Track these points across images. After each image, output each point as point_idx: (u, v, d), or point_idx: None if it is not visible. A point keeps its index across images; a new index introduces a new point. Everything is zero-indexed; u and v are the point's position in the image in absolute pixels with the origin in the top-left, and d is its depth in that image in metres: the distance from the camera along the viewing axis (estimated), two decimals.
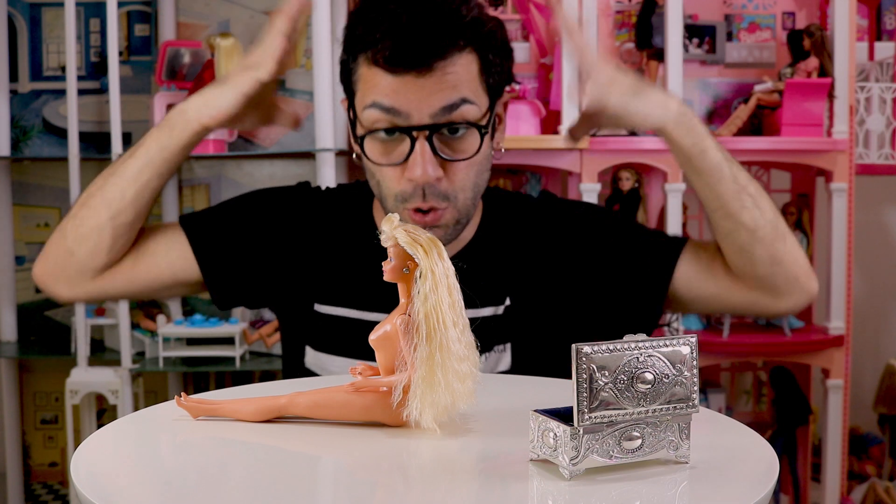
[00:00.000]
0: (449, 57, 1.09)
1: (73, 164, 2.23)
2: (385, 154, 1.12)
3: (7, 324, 2.44)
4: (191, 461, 0.72)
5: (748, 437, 0.77)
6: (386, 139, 1.12)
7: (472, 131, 1.12)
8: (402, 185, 1.12)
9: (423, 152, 1.09)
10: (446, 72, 1.08)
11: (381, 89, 1.09)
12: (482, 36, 1.13)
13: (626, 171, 2.29)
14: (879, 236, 2.80)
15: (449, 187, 1.12)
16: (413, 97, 1.08)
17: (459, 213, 1.15)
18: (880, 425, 2.58)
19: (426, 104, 1.08)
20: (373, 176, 1.16)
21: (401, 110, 1.09)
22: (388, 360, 0.78)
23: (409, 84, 1.08)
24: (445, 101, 1.09)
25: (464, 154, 1.12)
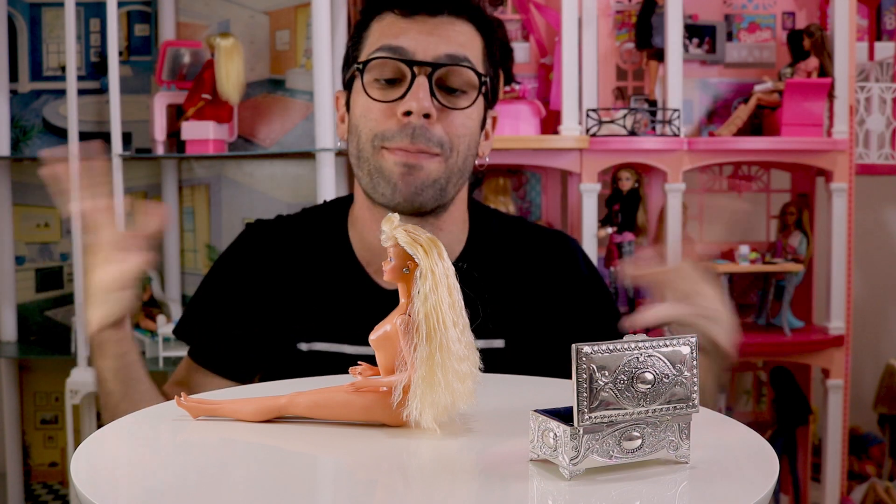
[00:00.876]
0: (458, 18, 1.15)
1: (73, 164, 2.22)
2: (381, 95, 1.14)
3: (7, 324, 2.44)
4: (191, 461, 0.72)
5: (748, 437, 0.77)
6: (385, 85, 1.13)
7: (468, 95, 1.14)
8: (389, 124, 1.12)
9: (422, 86, 1.11)
10: (455, 27, 1.14)
11: (392, 32, 1.13)
12: (488, 25, 1.19)
13: (626, 171, 2.29)
14: (879, 236, 2.80)
15: (443, 135, 1.13)
16: (420, 38, 1.12)
17: (446, 171, 1.14)
18: (880, 425, 2.58)
19: (432, 47, 1.12)
20: (356, 130, 1.16)
21: (407, 49, 1.12)
22: (388, 360, 0.78)
23: (419, 26, 1.13)
24: (451, 50, 1.12)
25: (460, 107, 1.14)
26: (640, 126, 2.26)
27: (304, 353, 1.20)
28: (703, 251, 2.43)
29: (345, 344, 1.18)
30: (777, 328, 2.36)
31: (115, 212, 1.09)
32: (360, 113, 1.15)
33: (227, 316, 1.24)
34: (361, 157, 1.15)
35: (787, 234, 2.38)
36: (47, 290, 2.48)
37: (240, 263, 1.26)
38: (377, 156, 1.13)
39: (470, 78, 1.14)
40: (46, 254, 2.48)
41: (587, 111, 2.24)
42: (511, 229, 1.28)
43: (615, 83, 2.40)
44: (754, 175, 2.51)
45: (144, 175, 2.46)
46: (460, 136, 1.14)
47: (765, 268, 2.32)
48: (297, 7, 2.36)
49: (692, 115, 2.41)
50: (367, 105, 1.14)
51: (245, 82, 2.24)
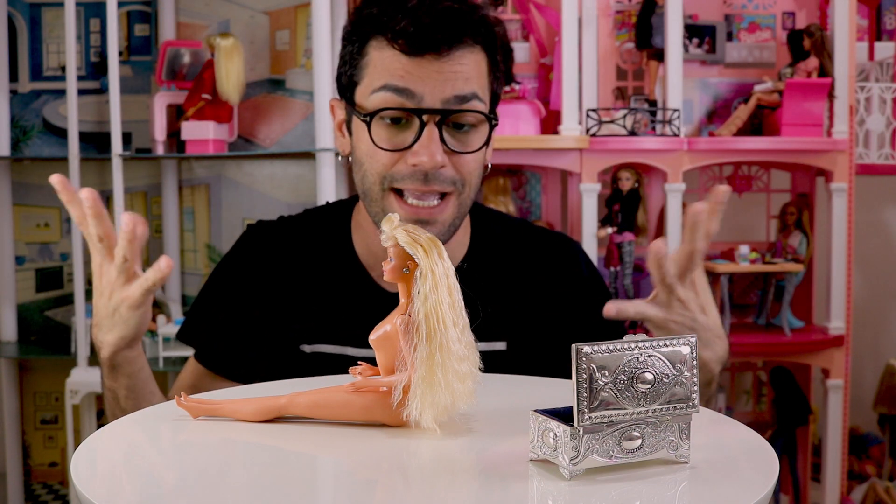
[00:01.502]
0: (464, 48, 1.09)
1: (73, 164, 2.22)
2: (388, 140, 1.10)
3: (7, 324, 2.44)
4: (191, 461, 0.72)
5: (748, 437, 0.77)
6: (391, 125, 1.09)
7: (478, 129, 1.11)
8: (397, 168, 1.09)
9: (432, 137, 1.07)
10: (461, 62, 1.09)
11: (395, 71, 1.08)
12: (492, 34, 1.14)
13: (626, 171, 2.29)
14: (879, 236, 2.80)
15: (455, 175, 1.10)
16: (428, 80, 1.07)
17: (460, 209, 1.13)
18: (880, 425, 2.58)
19: (440, 90, 1.07)
20: (361, 165, 1.13)
21: (415, 92, 1.07)
22: (388, 360, 0.78)
23: (425, 67, 1.07)
24: (459, 90, 1.08)
25: (470, 148, 1.11)
26: (640, 126, 2.26)
27: (308, 355, 1.20)
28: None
29: (348, 346, 1.18)
30: (777, 328, 2.36)
31: (118, 236, 1.05)
32: (366, 151, 1.12)
33: (233, 318, 1.24)
34: (368, 196, 1.13)
35: (787, 234, 2.38)
36: (47, 290, 2.48)
37: (243, 265, 1.26)
38: (386, 199, 1.11)
39: (479, 116, 1.11)
40: (46, 254, 2.48)
41: (587, 111, 2.24)
42: (513, 232, 1.27)
43: (615, 83, 2.40)
44: (754, 175, 2.51)
45: (144, 175, 2.46)
46: (471, 171, 1.12)
47: (765, 268, 2.32)
48: (297, 7, 2.36)
49: (692, 115, 2.41)
50: (372, 147, 1.11)
51: (245, 82, 2.24)
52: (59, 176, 1.07)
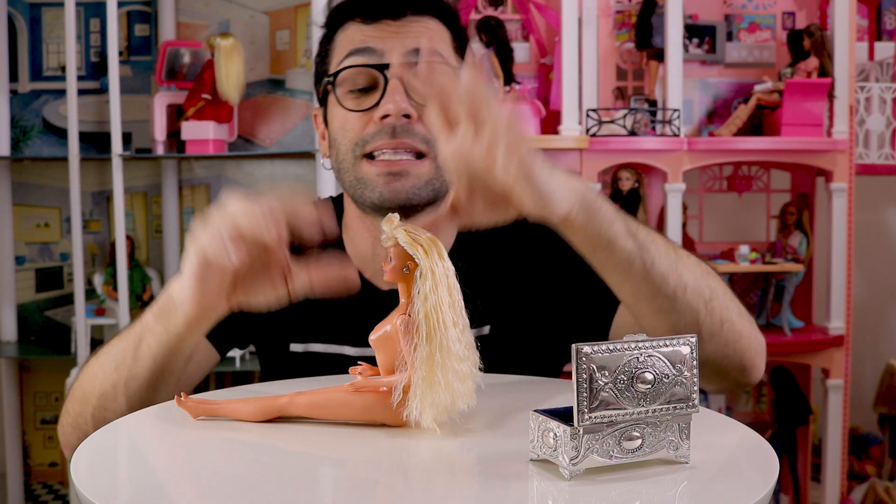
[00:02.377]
0: (423, 17, 1.12)
1: (73, 164, 2.23)
2: (356, 104, 1.10)
3: (7, 324, 2.44)
4: (191, 461, 0.72)
5: (748, 437, 0.77)
6: (358, 94, 1.10)
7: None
8: (367, 130, 1.08)
9: (396, 88, 1.07)
10: (420, 24, 1.11)
11: (357, 38, 1.11)
12: (451, 13, 1.16)
13: (626, 171, 2.29)
14: (879, 236, 2.80)
15: (428, 132, 1.06)
16: (388, 39, 1.10)
17: (437, 169, 1.09)
18: (880, 425, 2.58)
19: (400, 45, 1.09)
20: (336, 145, 1.12)
21: (375, 49, 1.09)
22: (388, 360, 0.78)
23: (385, 29, 1.10)
24: (420, 45, 1.10)
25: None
26: (640, 126, 2.26)
27: (300, 355, 1.19)
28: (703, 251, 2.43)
29: (339, 344, 1.18)
30: (777, 328, 2.36)
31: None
32: (339, 125, 1.12)
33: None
34: (342, 168, 1.12)
35: (787, 234, 2.38)
36: (47, 290, 2.48)
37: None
38: (357, 166, 1.10)
39: (443, 69, 1.09)
40: (46, 254, 2.48)
41: (587, 111, 2.24)
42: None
43: (615, 83, 2.40)
44: (754, 175, 2.51)
45: (144, 175, 2.46)
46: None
47: (765, 268, 2.32)
48: (297, 7, 2.36)
49: (692, 115, 2.41)
50: (343, 117, 1.11)
51: (245, 82, 2.24)
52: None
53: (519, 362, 1.10)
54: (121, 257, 2.23)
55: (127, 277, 2.25)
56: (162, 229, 2.46)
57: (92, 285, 2.39)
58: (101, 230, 2.47)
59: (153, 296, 2.37)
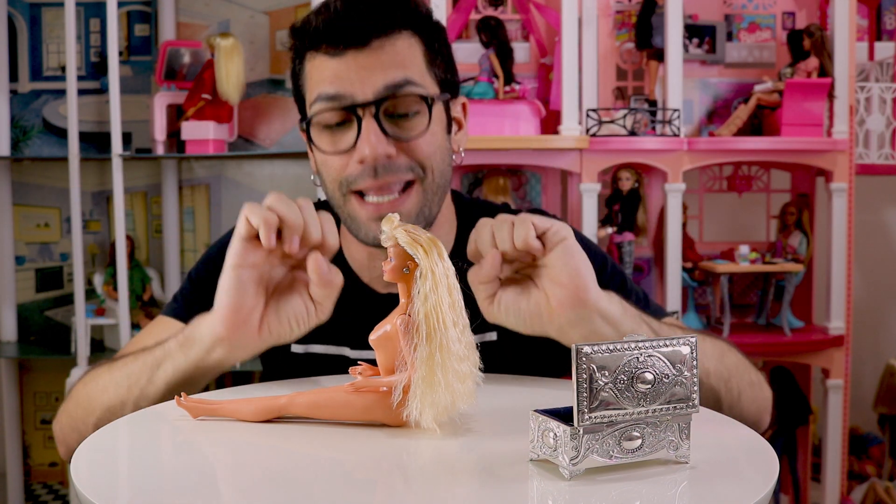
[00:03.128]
0: (388, 34, 1.07)
1: (73, 164, 2.22)
2: (332, 145, 1.09)
3: (7, 324, 2.44)
4: (191, 461, 0.72)
5: (748, 437, 0.77)
6: (335, 130, 1.09)
7: (422, 114, 1.09)
8: (349, 170, 1.08)
9: (370, 128, 1.06)
10: (386, 50, 1.07)
11: (325, 78, 1.07)
12: (421, 19, 1.12)
13: (626, 171, 2.29)
14: (879, 236, 2.80)
15: (410, 161, 1.08)
16: (355, 77, 1.06)
17: (426, 196, 1.10)
18: (880, 425, 2.58)
19: (369, 83, 1.06)
20: (321, 177, 1.13)
21: (344, 94, 1.06)
22: (388, 360, 0.78)
23: (350, 64, 1.06)
24: (389, 79, 1.06)
25: (414, 132, 1.09)
26: (640, 126, 2.26)
27: (301, 356, 1.20)
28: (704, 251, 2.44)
29: (342, 346, 1.18)
30: (777, 328, 2.36)
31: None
32: (321, 160, 1.12)
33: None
34: (333, 202, 1.13)
35: (787, 234, 2.38)
36: (47, 290, 2.48)
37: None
38: (348, 204, 1.10)
39: (416, 100, 1.09)
40: (46, 254, 2.48)
41: (587, 111, 2.24)
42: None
43: (615, 83, 2.40)
44: (754, 175, 2.51)
45: (144, 175, 2.46)
46: (429, 155, 1.10)
47: (765, 268, 2.32)
48: (297, 7, 2.36)
49: (692, 115, 2.41)
50: (322, 156, 1.11)
51: (245, 82, 2.24)
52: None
53: (525, 369, 1.11)
54: (121, 257, 2.23)
55: (127, 277, 2.25)
56: (162, 229, 2.46)
57: (92, 285, 2.40)
58: (101, 230, 2.47)
59: (153, 296, 2.37)
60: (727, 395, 1.05)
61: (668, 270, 2.26)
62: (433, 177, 1.11)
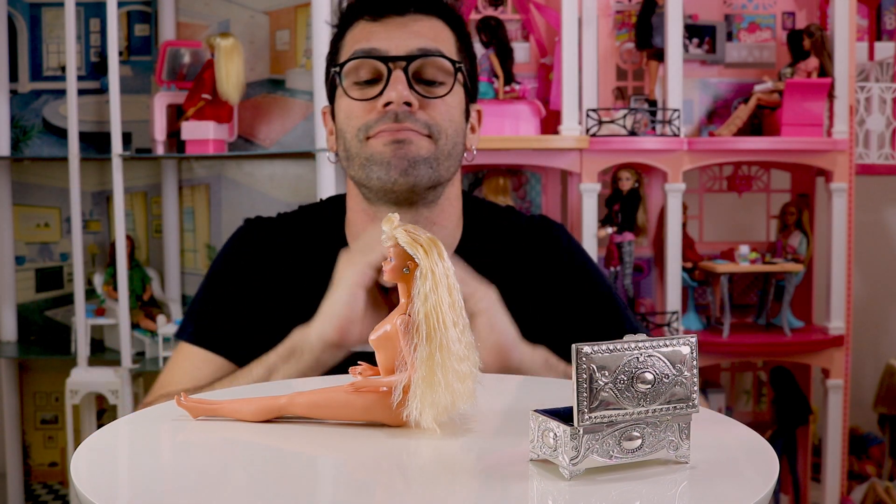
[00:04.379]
0: (426, 14, 1.17)
1: (73, 164, 2.23)
2: (361, 95, 1.16)
3: (7, 324, 2.44)
4: (191, 461, 0.72)
5: (748, 437, 0.77)
6: (363, 86, 1.15)
7: (445, 86, 1.16)
8: (371, 115, 1.14)
9: (398, 77, 1.13)
10: (423, 24, 1.16)
11: (363, 37, 1.16)
12: (457, 20, 1.21)
13: (626, 171, 2.29)
14: (879, 236, 2.80)
15: (429, 118, 1.14)
16: (393, 37, 1.15)
17: (436, 152, 1.15)
18: (880, 425, 2.58)
19: (404, 43, 1.14)
20: (342, 134, 1.17)
21: (380, 48, 1.14)
22: (388, 360, 0.78)
23: (390, 25, 1.15)
24: (423, 44, 1.15)
25: (439, 94, 1.15)
26: (640, 126, 2.26)
27: None
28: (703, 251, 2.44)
29: None
30: (777, 328, 2.36)
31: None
32: (344, 115, 1.17)
33: (233, 305, 1.22)
34: (350, 153, 1.17)
35: (787, 234, 2.38)
36: (47, 290, 2.48)
37: (241, 260, 1.25)
38: (364, 147, 1.15)
39: (445, 67, 1.16)
40: (46, 254, 2.48)
41: (587, 111, 2.24)
42: (499, 221, 1.28)
43: (615, 83, 2.40)
44: (754, 175, 2.51)
45: (144, 175, 2.46)
46: (446, 121, 1.16)
47: (765, 268, 2.33)
48: (297, 7, 2.36)
49: (692, 115, 2.41)
50: (349, 106, 1.16)
51: (245, 82, 2.24)
52: None
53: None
54: (121, 257, 2.23)
55: (127, 277, 2.25)
56: (162, 229, 2.46)
57: (92, 285, 2.40)
58: (101, 230, 2.47)
59: (153, 296, 2.37)
60: None
61: (668, 270, 2.26)
62: (446, 140, 1.16)
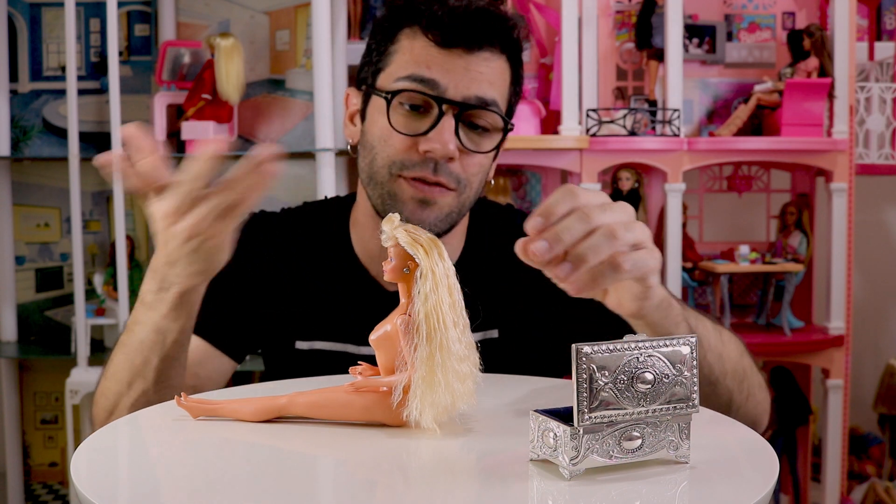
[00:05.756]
0: (493, 51, 1.11)
1: (73, 164, 2.22)
2: (405, 125, 1.10)
3: (7, 324, 2.44)
4: (191, 461, 0.72)
5: (748, 437, 0.77)
6: (409, 112, 1.10)
7: (490, 135, 1.13)
8: (409, 155, 1.10)
9: (448, 125, 1.08)
10: (488, 64, 1.11)
11: (424, 60, 1.09)
12: (518, 51, 1.16)
13: (626, 171, 2.29)
14: (879, 236, 2.80)
15: (461, 172, 1.11)
16: (454, 74, 1.09)
17: (459, 207, 1.13)
18: (880, 425, 2.58)
19: (464, 86, 1.09)
20: (371, 149, 1.13)
21: (439, 83, 1.08)
22: (389, 360, 0.78)
23: (453, 61, 1.09)
24: (482, 92, 1.10)
25: (481, 149, 1.12)
26: (640, 126, 2.26)
27: (305, 352, 1.20)
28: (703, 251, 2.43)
29: (345, 343, 1.18)
30: (777, 328, 2.36)
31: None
32: (379, 135, 1.12)
33: (233, 297, 1.21)
34: (375, 179, 1.13)
35: (787, 234, 2.38)
36: (47, 290, 2.48)
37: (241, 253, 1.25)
38: (392, 183, 1.11)
39: (496, 121, 1.12)
40: (46, 254, 2.48)
41: (587, 111, 2.24)
42: (501, 218, 1.28)
43: (615, 83, 2.40)
44: (754, 175, 2.51)
45: None
46: (476, 174, 1.13)
47: (765, 268, 2.32)
48: (297, 7, 2.36)
49: (692, 115, 2.41)
50: (387, 130, 1.11)
51: (245, 82, 2.24)
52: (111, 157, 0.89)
53: (526, 366, 1.11)
54: (121, 257, 2.23)
55: (127, 277, 2.25)
56: None
57: (92, 285, 2.39)
58: (101, 230, 2.47)
59: None
60: (738, 395, 1.06)
61: (668, 270, 2.26)
62: (470, 193, 1.14)
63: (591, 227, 0.78)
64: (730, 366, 1.05)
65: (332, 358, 1.17)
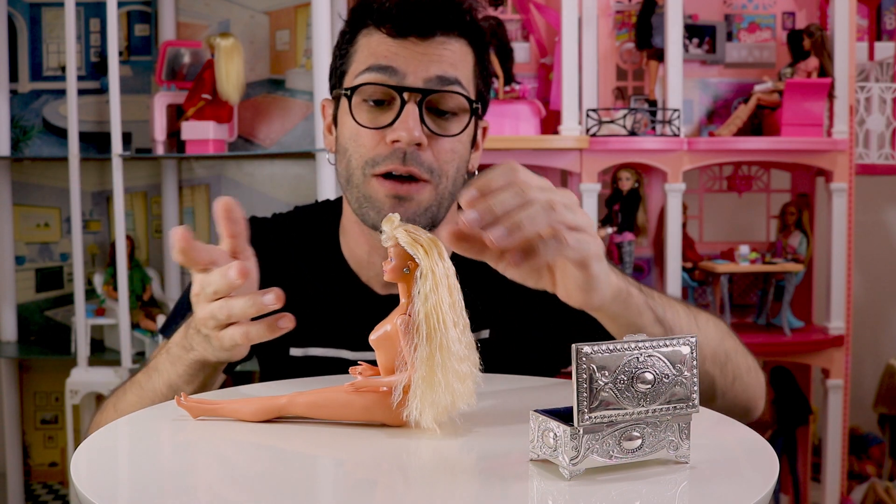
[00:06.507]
0: (450, 36, 1.11)
1: (73, 164, 2.22)
2: (370, 121, 1.11)
3: (7, 324, 2.44)
4: (191, 461, 0.72)
5: (748, 437, 0.77)
6: (373, 107, 1.10)
7: (459, 118, 1.12)
8: (378, 149, 1.09)
9: (411, 113, 1.08)
10: (446, 47, 1.10)
11: (381, 53, 1.10)
12: (479, 34, 1.15)
13: (626, 171, 2.29)
14: (879, 236, 2.80)
15: (433, 161, 1.10)
16: (411, 60, 1.09)
17: (437, 197, 1.11)
18: (880, 425, 2.58)
19: (423, 69, 1.09)
20: (345, 152, 1.13)
21: (397, 69, 1.09)
22: (388, 360, 0.78)
23: (409, 48, 1.09)
24: (442, 71, 1.09)
25: (449, 133, 1.11)
26: (640, 126, 2.26)
27: (300, 359, 1.19)
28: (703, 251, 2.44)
29: (338, 349, 1.17)
30: (777, 328, 2.36)
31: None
32: (349, 136, 1.13)
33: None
34: (351, 182, 1.13)
35: (787, 234, 2.38)
36: (47, 290, 2.48)
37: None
38: (367, 185, 1.11)
39: (461, 102, 1.12)
40: (46, 254, 2.48)
41: (587, 111, 2.24)
42: None
43: (615, 83, 2.40)
44: (754, 175, 2.51)
45: (144, 175, 2.46)
46: (449, 161, 1.12)
47: (765, 268, 2.32)
48: (297, 7, 2.36)
49: (692, 115, 2.41)
50: (355, 129, 1.11)
51: (245, 82, 2.24)
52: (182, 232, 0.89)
53: (518, 366, 1.10)
54: (121, 257, 2.23)
55: (127, 277, 2.25)
56: (162, 229, 2.46)
57: (92, 285, 2.39)
58: (101, 230, 2.47)
59: (153, 296, 2.37)
60: (722, 379, 1.06)
61: (668, 270, 2.26)
62: (447, 183, 1.12)
63: (525, 201, 0.77)
64: (708, 350, 1.03)
65: (328, 364, 1.17)
